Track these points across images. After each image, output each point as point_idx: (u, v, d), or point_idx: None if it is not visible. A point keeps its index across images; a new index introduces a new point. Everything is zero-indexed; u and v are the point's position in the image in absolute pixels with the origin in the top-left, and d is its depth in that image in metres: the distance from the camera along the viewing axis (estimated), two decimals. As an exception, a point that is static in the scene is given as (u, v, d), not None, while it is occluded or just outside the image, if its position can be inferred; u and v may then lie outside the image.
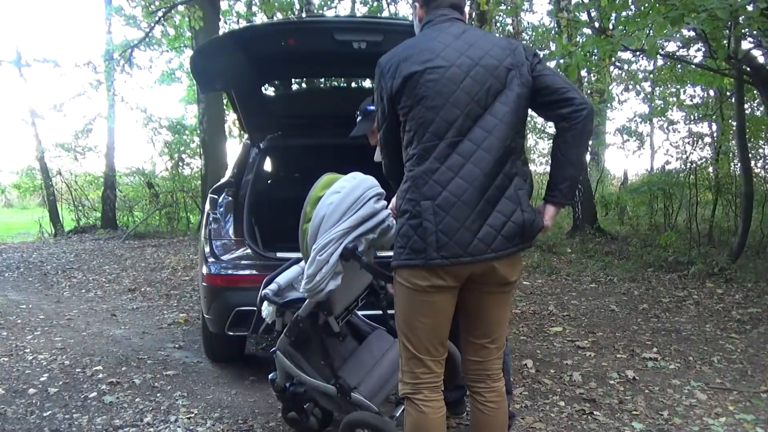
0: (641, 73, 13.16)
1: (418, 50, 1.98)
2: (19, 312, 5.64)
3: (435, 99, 1.92)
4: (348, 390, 2.47)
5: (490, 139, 1.92)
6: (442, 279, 1.93)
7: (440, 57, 1.95)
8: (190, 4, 8.59)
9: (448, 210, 1.88)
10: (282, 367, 2.64)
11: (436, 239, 1.88)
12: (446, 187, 1.89)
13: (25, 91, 23.55)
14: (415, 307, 2.00)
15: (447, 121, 1.92)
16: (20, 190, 17.37)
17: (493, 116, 1.94)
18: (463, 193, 1.89)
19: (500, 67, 1.96)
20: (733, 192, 9.46)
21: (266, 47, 3.37)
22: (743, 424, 3.04)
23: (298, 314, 2.45)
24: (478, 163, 1.90)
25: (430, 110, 1.92)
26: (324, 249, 2.18)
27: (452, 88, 1.92)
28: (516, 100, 1.96)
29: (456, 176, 1.90)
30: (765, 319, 5.11)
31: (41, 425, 3.01)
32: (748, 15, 4.54)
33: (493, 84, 1.95)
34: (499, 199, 1.92)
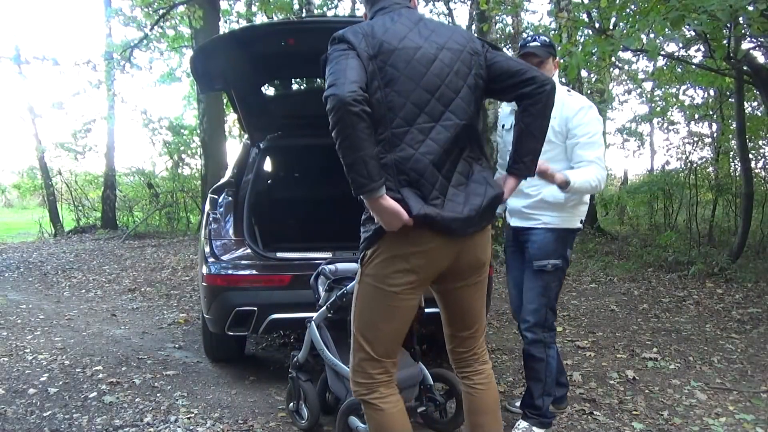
0: (642, 74, 13.17)
1: (383, 30, 1.89)
2: (19, 312, 5.64)
3: (405, 83, 1.85)
4: None
5: (459, 123, 1.91)
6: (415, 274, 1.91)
7: (407, 39, 1.88)
8: (190, 4, 8.59)
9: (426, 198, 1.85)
10: (310, 338, 2.83)
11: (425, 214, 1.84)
12: (423, 175, 1.86)
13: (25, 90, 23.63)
14: (383, 310, 1.97)
15: (417, 106, 1.87)
16: (20, 190, 17.39)
17: (462, 100, 1.93)
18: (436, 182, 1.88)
19: (464, 51, 1.95)
20: (733, 192, 9.47)
21: (266, 47, 3.36)
22: (743, 424, 3.04)
23: (345, 290, 2.65)
24: (449, 150, 1.89)
25: (399, 94, 1.85)
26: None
27: (422, 71, 1.87)
28: (476, 86, 1.96)
29: (430, 163, 1.86)
30: (765, 319, 5.12)
31: (41, 425, 3.01)
32: (748, 15, 4.54)
33: (460, 68, 1.93)
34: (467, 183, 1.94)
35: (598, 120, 2.80)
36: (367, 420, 2.09)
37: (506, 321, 5.20)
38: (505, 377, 3.75)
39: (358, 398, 2.10)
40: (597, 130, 2.78)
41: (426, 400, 2.84)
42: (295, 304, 3.25)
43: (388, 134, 1.86)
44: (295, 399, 2.95)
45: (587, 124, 2.74)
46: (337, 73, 1.78)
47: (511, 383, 3.65)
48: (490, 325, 4.93)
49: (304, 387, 2.90)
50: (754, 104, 10.23)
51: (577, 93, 2.97)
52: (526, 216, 2.88)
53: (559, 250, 2.81)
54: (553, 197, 2.78)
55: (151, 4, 9.54)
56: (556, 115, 2.63)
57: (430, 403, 2.84)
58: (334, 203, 4.94)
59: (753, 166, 9.41)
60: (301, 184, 5.24)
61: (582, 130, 2.73)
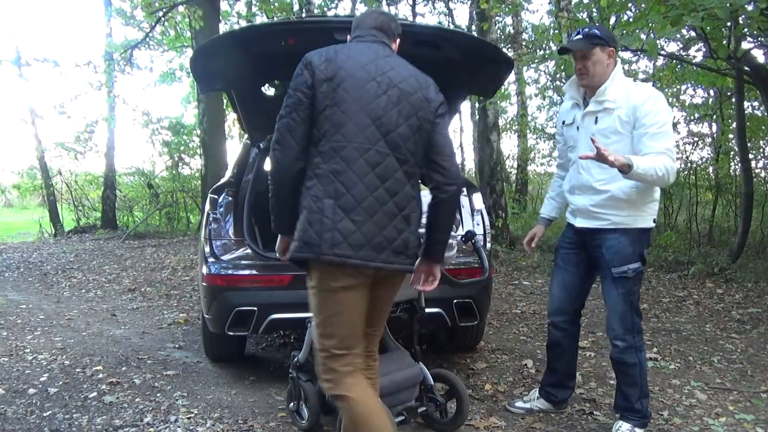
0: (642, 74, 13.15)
1: (346, 57, 2.11)
2: (19, 312, 5.64)
3: (351, 105, 2.05)
4: None
5: (393, 158, 2.09)
6: (352, 277, 2.07)
7: (364, 69, 2.10)
8: (190, 4, 8.59)
9: (348, 212, 2.02)
10: (310, 338, 2.78)
11: (332, 237, 2.01)
12: (349, 190, 2.03)
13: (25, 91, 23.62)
14: (330, 308, 2.12)
15: (358, 128, 2.05)
16: (20, 190, 17.37)
17: (399, 136, 2.10)
18: (363, 200, 2.04)
19: (415, 96, 2.14)
20: (733, 192, 9.47)
21: (266, 47, 3.36)
22: (743, 424, 3.04)
23: None
24: (381, 176, 2.07)
25: (344, 114, 2.05)
26: None
27: (369, 99, 2.07)
28: (419, 131, 2.13)
29: (360, 182, 2.04)
30: (765, 319, 5.12)
31: (41, 425, 3.01)
32: (748, 15, 4.54)
33: (404, 108, 2.11)
34: (396, 216, 2.09)
35: (667, 110, 2.67)
36: (343, 413, 2.17)
37: (506, 321, 5.20)
38: (505, 377, 3.75)
39: (329, 395, 2.21)
40: (666, 119, 2.64)
41: (426, 400, 2.84)
42: (295, 304, 3.24)
43: (327, 147, 2.06)
44: (295, 399, 2.95)
45: (656, 113, 2.61)
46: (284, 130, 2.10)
47: (511, 383, 3.65)
48: (490, 325, 4.93)
49: (305, 387, 2.90)
50: (754, 104, 10.22)
51: (646, 84, 2.91)
52: (593, 215, 2.76)
53: (636, 253, 2.72)
54: (624, 193, 2.66)
55: (151, 4, 9.53)
56: (622, 105, 2.63)
57: (431, 403, 2.84)
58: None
59: (753, 166, 9.42)
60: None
61: (651, 119, 2.60)
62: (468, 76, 3.59)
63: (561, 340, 3.05)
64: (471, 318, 3.55)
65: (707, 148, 11.46)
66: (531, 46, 13.45)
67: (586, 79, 2.74)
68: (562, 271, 3.00)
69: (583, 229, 2.82)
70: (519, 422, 3.06)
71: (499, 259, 8.24)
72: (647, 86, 2.81)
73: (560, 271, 3.01)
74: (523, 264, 7.98)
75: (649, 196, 2.73)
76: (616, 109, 2.66)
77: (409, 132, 2.11)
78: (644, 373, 2.81)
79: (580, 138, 2.82)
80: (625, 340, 2.78)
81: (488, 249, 3.68)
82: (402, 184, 2.11)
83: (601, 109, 2.71)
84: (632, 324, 2.78)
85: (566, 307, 3.01)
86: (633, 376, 2.80)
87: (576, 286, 2.99)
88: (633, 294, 2.77)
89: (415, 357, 2.88)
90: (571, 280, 2.96)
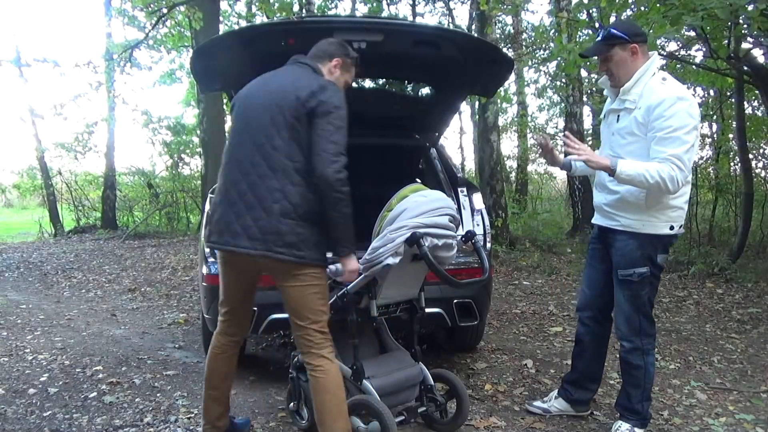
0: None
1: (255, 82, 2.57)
2: (19, 312, 5.64)
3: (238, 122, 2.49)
4: (361, 375, 2.64)
5: (258, 155, 2.36)
6: (222, 257, 2.53)
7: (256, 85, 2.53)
8: (190, 4, 8.59)
9: (216, 205, 2.46)
10: None
11: (209, 226, 2.49)
12: (221, 186, 2.47)
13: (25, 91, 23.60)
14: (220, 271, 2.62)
15: (236, 131, 2.47)
16: (20, 190, 17.37)
17: (265, 136, 2.35)
18: (226, 197, 2.42)
19: (286, 97, 2.37)
20: (733, 192, 9.46)
21: (266, 47, 3.35)
22: (743, 424, 3.04)
23: (346, 290, 2.65)
24: (243, 171, 2.38)
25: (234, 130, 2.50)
26: (397, 230, 2.47)
27: (247, 107, 2.47)
28: (290, 129, 2.34)
29: (227, 178, 2.44)
30: (765, 319, 5.12)
31: (41, 425, 3.01)
32: (748, 15, 4.54)
33: (271, 108, 2.37)
34: (254, 206, 2.34)
35: (687, 113, 2.50)
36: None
37: (506, 321, 5.20)
38: (505, 377, 3.75)
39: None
40: (681, 124, 2.48)
41: (426, 401, 2.84)
42: None
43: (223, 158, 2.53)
44: (295, 399, 2.95)
45: (669, 117, 2.47)
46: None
47: (511, 383, 3.65)
48: (490, 325, 4.93)
49: (305, 387, 2.90)
50: (754, 104, 10.22)
51: (674, 82, 2.66)
52: (607, 214, 2.77)
53: (644, 258, 2.66)
54: (633, 196, 2.62)
55: (150, 4, 9.53)
56: (641, 106, 2.56)
57: (431, 403, 2.84)
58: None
59: (753, 166, 9.41)
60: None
61: (662, 123, 2.48)
62: (468, 76, 3.59)
63: (583, 336, 3.05)
64: (471, 318, 3.55)
65: (707, 148, 11.46)
66: (531, 46, 13.43)
67: (613, 80, 2.71)
68: (588, 267, 3.02)
69: (600, 226, 2.86)
70: (519, 422, 3.06)
71: (499, 259, 8.24)
72: (672, 87, 2.58)
73: (587, 267, 3.04)
74: (523, 264, 7.98)
75: (663, 202, 2.61)
76: (635, 109, 2.60)
77: (274, 130, 2.34)
78: (649, 377, 2.79)
79: (605, 134, 2.84)
80: (632, 342, 2.76)
81: (488, 249, 3.68)
82: (264, 178, 2.33)
83: (622, 108, 2.67)
84: (639, 326, 2.75)
85: (591, 303, 3.00)
86: (637, 378, 2.78)
87: (599, 283, 2.95)
88: (639, 298, 2.72)
89: (415, 357, 2.88)
90: (595, 276, 2.96)
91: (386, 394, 2.64)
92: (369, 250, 2.52)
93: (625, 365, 2.82)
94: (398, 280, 2.69)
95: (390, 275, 2.58)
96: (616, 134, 2.69)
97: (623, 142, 2.64)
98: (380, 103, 4.43)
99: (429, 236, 2.49)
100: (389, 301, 2.80)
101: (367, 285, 2.62)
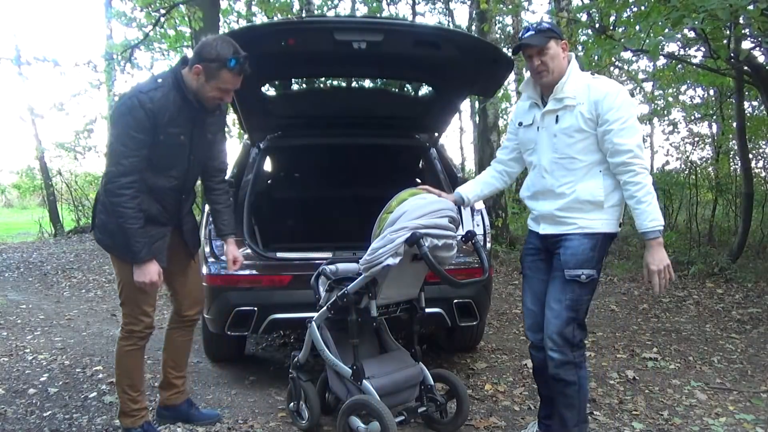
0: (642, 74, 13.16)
1: None
2: (19, 312, 5.64)
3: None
4: (361, 376, 2.63)
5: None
6: None
7: None
8: (190, 4, 8.59)
9: None
10: (310, 338, 2.83)
11: None
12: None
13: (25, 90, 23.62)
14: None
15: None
16: (20, 190, 17.38)
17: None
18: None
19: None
20: (733, 192, 9.47)
21: (266, 47, 3.36)
22: (743, 424, 3.04)
23: (346, 290, 2.66)
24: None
25: None
26: (397, 231, 2.47)
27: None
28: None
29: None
30: (765, 319, 5.12)
31: (41, 425, 3.01)
32: (748, 15, 4.54)
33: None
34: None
35: (629, 103, 2.47)
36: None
37: (506, 321, 5.21)
38: (505, 377, 3.75)
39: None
40: (630, 114, 2.44)
41: (426, 401, 2.84)
42: (295, 304, 3.24)
43: None
44: (295, 399, 2.95)
45: (619, 108, 2.41)
46: None
47: (511, 383, 3.65)
48: (489, 325, 4.93)
49: (305, 387, 2.90)
50: (754, 104, 10.23)
51: (605, 77, 2.63)
52: (559, 221, 2.52)
53: (596, 259, 2.47)
54: (592, 195, 2.46)
55: (151, 4, 9.52)
56: (583, 101, 2.45)
57: (431, 403, 2.84)
58: (334, 203, 4.94)
59: (753, 166, 9.41)
60: (301, 184, 5.24)
61: (614, 114, 2.40)
62: (468, 76, 3.59)
63: (542, 362, 2.65)
64: (471, 318, 3.54)
65: (707, 148, 11.47)
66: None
67: (546, 76, 2.51)
68: (531, 280, 2.70)
69: (548, 235, 2.58)
70: (519, 422, 3.06)
71: (499, 259, 8.24)
72: (606, 80, 2.56)
73: (529, 282, 2.72)
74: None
75: (617, 199, 2.49)
76: (577, 105, 2.47)
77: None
78: (584, 395, 2.56)
79: (540, 139, 2.59)
80: (563, 354, 2.49)
81: (488, 249, 3.68)
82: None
83: (561, 107, 2.50)
84: (573, 336, 2.49)
85: (542, 321, 2.59)
86: (571, 397, 2.52)
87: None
88: (581, 303, 2.49)
89: (415, 357, 2.88)
90: (542, 289, 2.62)
91: (386, 394, 2.64)
92: (369, 251, 2.51)
93: (557, 383, 2.53)
94: (398, 281, 2.70)
95: (390, 275, 2.58)
96: (559, 135, 2.50)
97: (570, 141, 2.48)
98: (380, 103, 4.43)
99: (429, 236, 2.49)
100: (389, 301, 2.81)
101: (367, 285, 2.62)
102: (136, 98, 2.45)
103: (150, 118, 2.45)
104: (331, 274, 2.84)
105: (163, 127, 2.50)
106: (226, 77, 2.51)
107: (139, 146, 2.46)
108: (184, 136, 2.60)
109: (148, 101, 2.45)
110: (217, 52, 2.48)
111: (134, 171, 2.47)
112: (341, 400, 2.72)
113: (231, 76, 2.52)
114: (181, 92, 2.54)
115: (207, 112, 2.66)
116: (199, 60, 2.50)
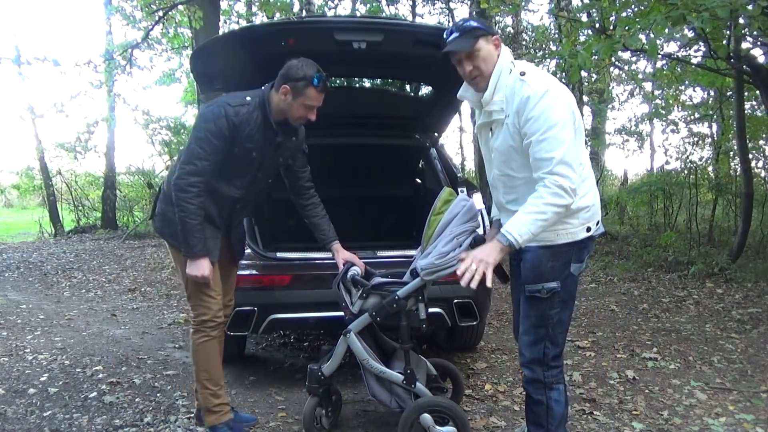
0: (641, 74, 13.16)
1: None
2: (19, 312, 5.64)
3: None
4: (414, 379, 2.63)
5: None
6: None
7: None
8: (190, 4, 8.59)
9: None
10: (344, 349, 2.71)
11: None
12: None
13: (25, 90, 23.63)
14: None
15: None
16: (20, 190, 17.38)
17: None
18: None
19: None
20: (733, 192, 9.46)
21: (266, 47, 3.36)
22: (743, 424, 3.04)
23: (397, 294, 2.57)
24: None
25: None
26: (459, 236, 2.44)
27: None
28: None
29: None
30: (765, 319, 5.11)
31: (41, 425, 3.01)
32: (748, 14, 4.54)
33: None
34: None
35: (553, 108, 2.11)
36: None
37: (506, 321, 5.20)
38: (505, 377, 3.75)
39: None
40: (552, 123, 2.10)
41: (433, 390, 2.84)
42: (295, 304, 3.24)
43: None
44: (328, 410, 2.86)
45: (537, 118, 2.10)
46: None
47: (511, 383, 3.65)
48: (489, 325, 4.93)
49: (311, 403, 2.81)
50: (754, 104, 10.22)
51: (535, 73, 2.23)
52: None
53: (555, 271, 2.25)
54: None
55: (150, 4, 9.53)
56: (510, 111, 2.19)
57: (437, 391, 2.87)
58: (335, 203, 4.93)
59: (753, 166, 9.40)
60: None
61: (532, 126, 2.11)
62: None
63: None
64: (471, 318, 3.54)
65: (707, 148, 11.47)
66: (531, 46, 13.43)
67: (482, 81, 2.25)
68: (514, 286, 2.57)
69: None
70: (519, 422, 3.05)
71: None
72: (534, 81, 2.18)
73: (513, 286, 2.58)
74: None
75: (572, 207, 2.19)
76: (505, 118, 2.20)
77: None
78: (553, 417, 2.35)
79: (485, 152, 2.40)
80: (533, 371, 2.34)
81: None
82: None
83: (492, 121, 2.27)
84: (543, 354, 2.31)
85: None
86: (537, 415, 2.38)
87: None
88: (548, 319, 2.28)
89: (416, 350, 2.87)
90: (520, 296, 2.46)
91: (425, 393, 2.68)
92: (437, 255, 2.41)
93: (527, 397, 2.42)
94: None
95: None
96: (495, 152, 2.30)
97: (505, 158, 2.27)
98: (380, 103, 4.43)
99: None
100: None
101: (419, 289, 2.57)
102: (224, 109, 2.61)
103: (231, 129, 2.61)
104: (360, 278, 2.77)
105: (240, 141, 2.64)
106: (312, 94, 2.65)
107: (215, 152, 2.61)
108: (257, 153, 2.72)
109: (233, 114, 2.61)
110: (303, 72, 2.62)
111: (204, 173, 2.62)
112: (386, 406, 2.71)
113: (316, 92, 2.65)
114: (265, 113, 2.68)
115: (285, 136, 2.78)
116: (286, 80, 2.64)
